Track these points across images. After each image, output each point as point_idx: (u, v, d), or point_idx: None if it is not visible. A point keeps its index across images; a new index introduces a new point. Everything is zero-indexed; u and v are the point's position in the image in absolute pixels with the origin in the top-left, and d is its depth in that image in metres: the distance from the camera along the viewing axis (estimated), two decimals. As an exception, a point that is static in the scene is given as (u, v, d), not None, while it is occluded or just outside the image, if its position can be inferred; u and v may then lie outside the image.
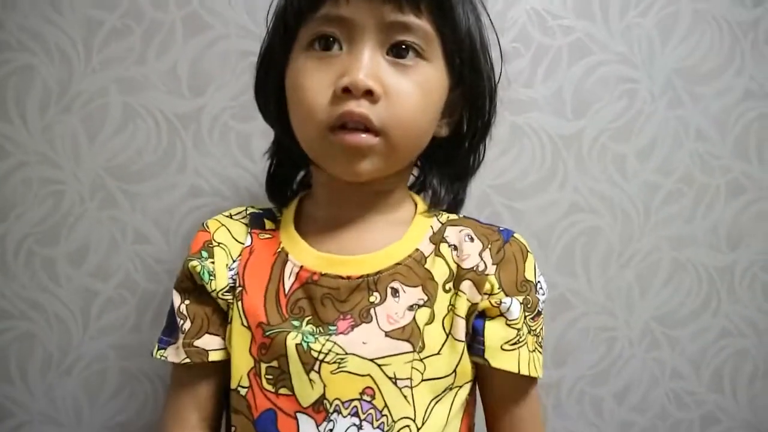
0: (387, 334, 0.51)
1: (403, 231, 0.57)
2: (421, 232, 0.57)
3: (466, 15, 0.54)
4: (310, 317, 0.53)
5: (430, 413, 0.52)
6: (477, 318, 0.54)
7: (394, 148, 0.52)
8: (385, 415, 0.50)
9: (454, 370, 0.53)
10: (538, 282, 0.57)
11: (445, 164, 0.60)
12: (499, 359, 0.53)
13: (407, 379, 0.51)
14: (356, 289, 0.53)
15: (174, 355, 0.57)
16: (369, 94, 0.49)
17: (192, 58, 0.78)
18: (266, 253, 0.57)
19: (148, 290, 0.80)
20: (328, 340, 0.51)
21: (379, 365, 0.50)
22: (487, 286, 0.54)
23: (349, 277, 0.53)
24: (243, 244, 0.58)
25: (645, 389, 0.87)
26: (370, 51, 0.50)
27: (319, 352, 0.50)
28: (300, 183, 0.65)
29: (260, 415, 0.51)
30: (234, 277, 0.56)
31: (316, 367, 0.50)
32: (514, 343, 0.53)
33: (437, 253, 0.55)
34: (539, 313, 0.56)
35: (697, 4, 0.83)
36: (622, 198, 0.84)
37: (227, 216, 0.61)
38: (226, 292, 0.56)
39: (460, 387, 0.54)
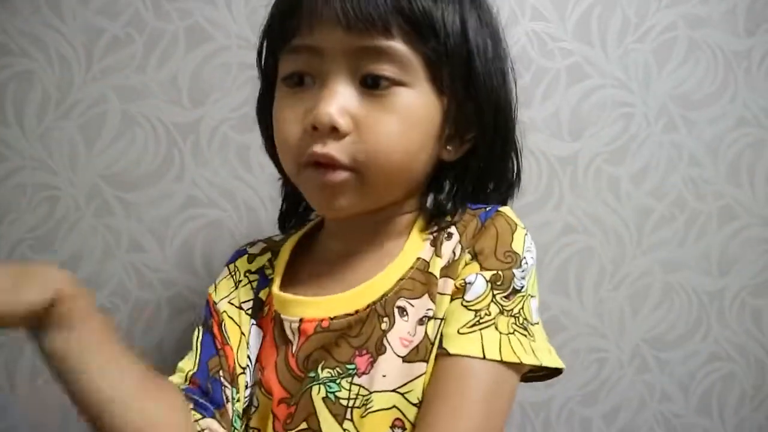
0: (404, 360, 0.49)
1: (401, 244, 0.54)
2: (418, 245, 0.54)
3: (454, 26, 0.49)
4: (323, 361, 0.50)
5: None
6: None
7: (370, 182, 0.49)
8: None
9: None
10: (525, 258, 0.50)
11: (463, 184, 0.56)
12: (457, 345, 0.47)
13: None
14: (366, 320, 0.50)
15: None
16: (335, 131, 0.47)
17: (193, 69, 0.79)
18: (268, 328, 0.55)
19: (141, 299, 0.79)
20: (351, 383, 0.49)
21: (402, 393, 0.48)
22: (461, 264, 0.50)
23: (357, 312, 0.51)
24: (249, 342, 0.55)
25: (634, 411, 0.87)
26: (341, 82, 0.48)
27: (348, 399, 0.48)
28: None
29: None
30: (248, 393, 0.54)
31: (348, 415, 0.48)
32: (473, 325, 0.47)
33: (438, 254, 0.52)
34: (516, 291, 0.49)
35: (693, 33, 0.85)
36: (616, 220, 0.85)
37: (239, 307, 0.57)
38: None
39: None
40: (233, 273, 0.61)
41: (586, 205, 0.84)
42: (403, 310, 0.50)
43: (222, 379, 0.53)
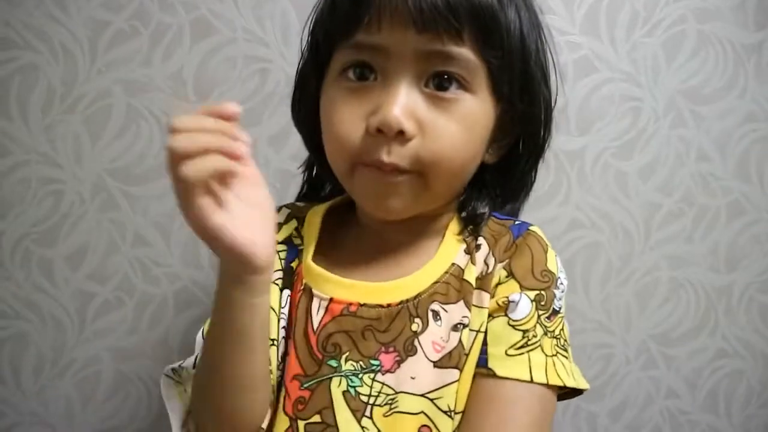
0: (435, 365, 0.48)
1: (435, 249, 0.53)
2: (454, 249, 0.53)
3: (516, 31, 0.49)
4: (348, 353, 0.49)
5: None
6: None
7: (428, 185, 0.48)
8: None
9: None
10: (559, 278, 0.51)
11: (494, 187, 0.56)
12: (505, 367, 0.47)
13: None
14: (397, 317, 0.49)
15: None
16: (401, 134, 0.46)
17: (198, 62, 0.78)
18: (295, 299, 0.53)
19: (146, 293, 0.79)
20: (374, 380, 0.47)
21: (431, 399, 0.47)
22: (494, 281, 0.50)
23: (389, 305, 0.49)
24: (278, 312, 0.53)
25: (640, 407, 0.87)
26: (406, 84, 0.46)
27: (369, 395, 0.47)
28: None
29: None
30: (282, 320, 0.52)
31: (367, 413, 0.47)
32: (521, 347, 0.47)
33: (473, 262, 0.52)
34: (556, 312, 0.50)
35: (702, 26, 0.84)
36: (623, 216, 0.85)
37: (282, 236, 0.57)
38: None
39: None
40: None
41: (594, 200, 0.84)
42: (436, 314, 0.49)
43: None
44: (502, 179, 0.56)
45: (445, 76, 0.47)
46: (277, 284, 0.54)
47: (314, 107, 0.53)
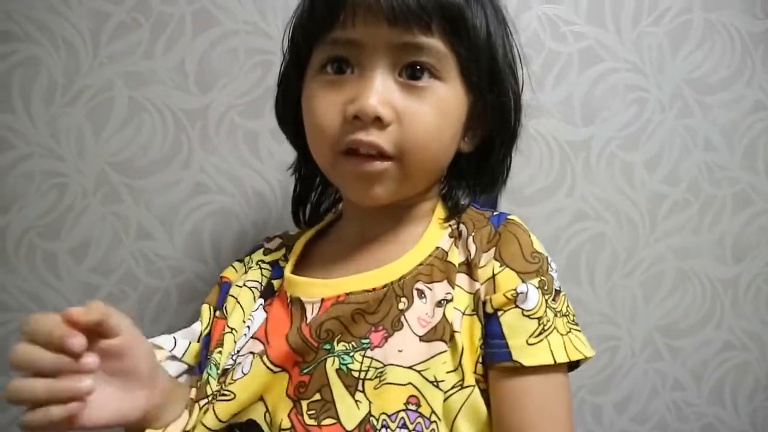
0: (421, 338, 0.49)
1: (420, 231, 0.56)
2: (438, 234, 0.55)
3: (482, 27, 0.52)
4: (340, 335, 0.51)
5: (446, 415, 0.48)
6: (491, 321, 0.50)
7: (409, 172, 0.51)
8: (435, 422, 0.47)
9: (459, 365, 0.48)
10: (548, 257, 0.53)
11: (472, 176, 0.59)
12: (529, 355, 0.48)
13: (444, 380, 0.48)
14: (384, 299, 0.51)
15: None
16: (378, 121, 0.49)
17: (200, 54, 0.78)
18: (279, 312, 0.55)
19: (150, 286, 0.79)
20: (364, 356, 0.49)
21: (418, 371, 0.48)
22: (487, 272, 0.51)
23: (374, 289, 0.52)
24: (247, 314, 0.57)
25: (646, 399, 0.86)
26: (381, 74, 0.49)
27: (359, 370, 0.49)
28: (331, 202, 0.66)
29: None
30: (232, 359, 0.54)
31: (360, 387, 0.49)
32: (539, 334, 0.48)
33: (456, 245, 0.54)
34: (558, 292, 0.52)
35: (709, 15, 0.83)
36: (629, 207, 0.84)
37: (243, 285, 0.59)
38: (219, 378, 0.53)
39: (473, 388, 0.48)
40: (246, 263, 0.63)
41: (599, 191, 0.83)
42: (421, 293, 0.52)
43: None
44: (478, 168, 0.58)
45: (417, 66, 0.50)
46: (252, 290, 0.58)
47: (297, 105, 0.56)
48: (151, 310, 0.79)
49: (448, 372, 0.48)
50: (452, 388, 0.48)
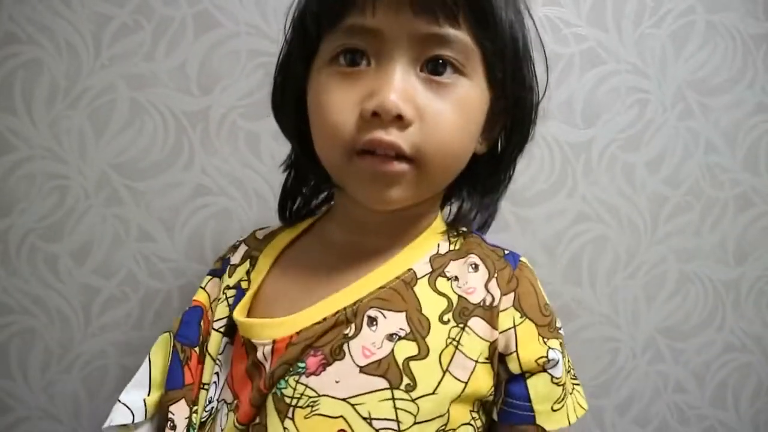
0: (362, 370, 0.46)
1: (404, 247, 0.52)
2: (423, 250, 0.52)
3: (509, 21, 0.48)
4: (278, 360, 0.48)
5: None
6: (516, 382, 0.49)
7: (427, 176, 0.47)
8: None
9: (447, 411, 0.47)
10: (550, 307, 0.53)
11: (478, 181, 0.55)
12: (553, 421, 0.49)
13: (389, 420, 0.45)
14: (334, 326, 0.48)
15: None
16: (399, 119, 0.44)
17: (202, 56, 0.78)
18: (240, 353, 0.52)
19: (151, 288, 0.79)
20: (298, 382, 0.46)
21: (351, 404, 0.45)
22: (507, 321, 0.49)
23: (325, 319, 0.48)
24: (214, 359, 0.53)
25: (647, 402, 0.86)
26: (402, 68, 0.44)
27: (292, 397, 0.46)
28: (319, 202, 0.62)
29: None
30: (208, 410, 0.52)
31: (290, 414, 0.46)
32: (562, 400, 0.50)
33: (432, 282, 0.50)
34: (564, 348, 0.52)
35: (711, 16, 0.83)
36: (630, 208, 0.84)
37: (212, 324, 0.55)
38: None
39: (455, 430, 0.48)
40: (222, 282, 0.58)
41: (600, 192, 0.83)
42: (373, 320, 0.48)
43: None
44: (485, 170, 0.55)
45: (440, 61, 0.46)
46: (220, 332, 0.54)
47: (298, 96, 0.52)
48: (153, 312, 0.79)
49: (402, 410, 0.46)
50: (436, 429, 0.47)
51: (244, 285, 0.56)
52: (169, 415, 0.51)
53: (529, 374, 0.49)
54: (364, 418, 0.45)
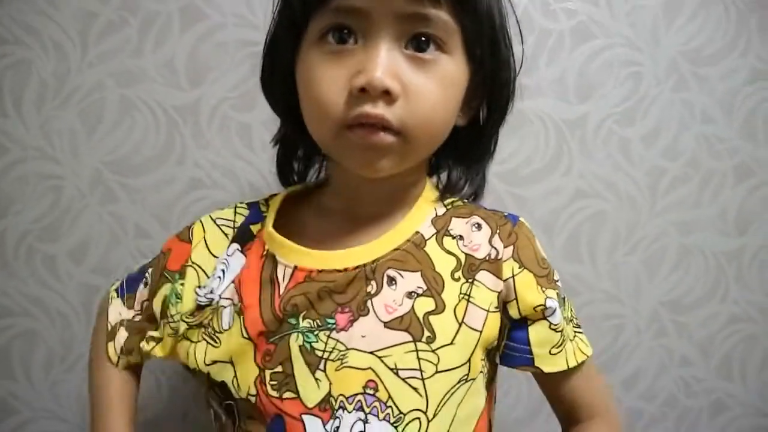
0: (386, 325, 0.50)
1: (404, 213, 0.55)
2: (422, 215, 0.55)
3: (487, 1, 0.51)
4: (305, 312, 0.51)
5: (443, 405, 0.50)
6: (516, 328, 0.54)
7: (413, 146, 0.50)
8: (390, 407, 0.49)
9: (468, 360, 0.51)
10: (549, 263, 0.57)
11: (462, 151, 0.58)
12: (551, 364, 0.54)
13: (413, 369, 0.49)
14: (354, 280, 0.51)
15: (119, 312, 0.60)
16: (386, 94, 0.47)
17: (189, 49, 0.77)
18: (255, 262, 0.55)
19: (150, 285, 0.79)
20: (329, 337, 0.50)
21: (379, 357, 0.49)
22: (507, 271, 0.53)
23: (345, 269, 0.52)
24: (217, 257, 0.56)
25: (653, 377, 0.86)
26: (387, 45, 0.47)
27: (323, 350, 0.50)
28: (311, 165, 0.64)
29: (270, 421, 0.50)
30: (208, 297, 0.54)
31: (321, 366, 0.49)
32: (560, 344, 0.54)
33: (439, 241, 0.54)
34: (564, 300, 0.56)
35: (702, -16, 0.82)
36: (628, 183, 0.83)
37: (214, 221, 0.59)
38: (188, 315, 0.55)
39: (475, 380, 0.52)
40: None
41: (597, 168, 0.82)
42: (392, 280, 0.52)
43: None
44: (468, 142, 0.58)
45: (423, 38, 0.48)
46: (224, 230, 0.58)
47: (287, 73, 0.54)
48: (153, 308, 0.79)
49: (425, 360, 0.50)
50: (458, 382, 0.50)
51: (262, 208, 0.60)
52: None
53: (531, 321, 0.53)
54: (391, 369, 0.49)
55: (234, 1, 0.77)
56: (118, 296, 0.61)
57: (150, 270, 0.60)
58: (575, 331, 0.57)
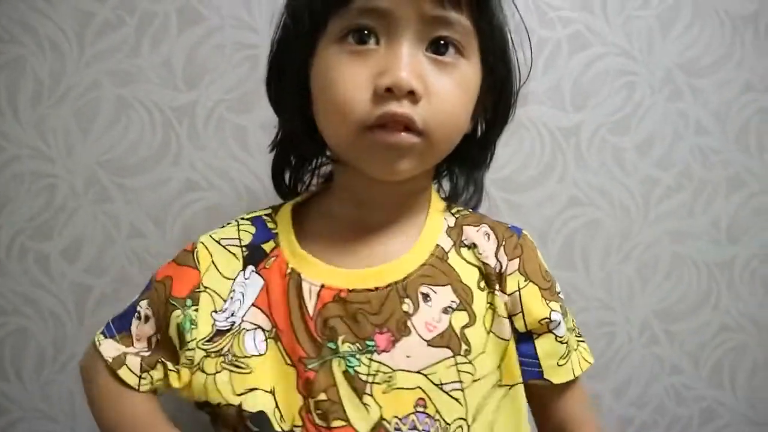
0: (429, 343, 0.51)
1: (419, 228, 0.55)
2: (438, 226, 0.56)
3: (499, 7, 0.53)
4: (344, 335, 0.50)
5: (480, 411, 0.51)
6: (522, 342, 0.54)
7: (433, 147, 0.50)
8: (438, 420, 0.50)
9: (498, 367, 0.53)
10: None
11: (464, 158, 0.59)
12: (559, 375, 0.55)
13: (455, 382, 0.51)
14: (387, 299, 0.51)
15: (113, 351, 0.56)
16: (411, 94, 0.47)
17: (186, 50, 0.77)
18: (278, 282, 0.53)
19: (143, 285, 0.78)
20: (371, 360, 0.50)
21: (425, 375, 0.50)
22: (512, 284, 0.54)
23: (377, 288, 0.52)
24: (230, 280, 0.54)
25: (644, 384, 0.86)
26: (410, 47, 0.47)
27: (367, 374, 0.50)
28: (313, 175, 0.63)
29: None
30: (230, 320, 0.53)
31: (368, 390, 0.49)
32: (566, 356, 0.55)
33: (458, 252, 0.54)
34: (566, 311, 0.57)
35: (697, -4, 0.83)
36: (622, 192, 0.84)
37: (217, 242, 0.57)
38: (206, 341, 0.52)
39: (510, 387, 0.53)
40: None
41: (591, 177, 0.83)
42: (426, 297, 0.52)
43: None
44: (471, 149, 0.58)
45: (442, 42, 0.49)
46: (231, 251, 0.55)
47: (298, 75, 0.52)
48: (146, 309, 0.79)
49: (463, 372, 0.51)
50: (492, 387, 0.52)
51: (269, 225, 0.57)
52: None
53: (536, 335, 0.54)
54: (436, 385, 0.50)
55: (231, 3, 0.77)
56: (106, 338, 0.57)
57: (144, 302, 0.56)
58: (578, 341, 0.58)
